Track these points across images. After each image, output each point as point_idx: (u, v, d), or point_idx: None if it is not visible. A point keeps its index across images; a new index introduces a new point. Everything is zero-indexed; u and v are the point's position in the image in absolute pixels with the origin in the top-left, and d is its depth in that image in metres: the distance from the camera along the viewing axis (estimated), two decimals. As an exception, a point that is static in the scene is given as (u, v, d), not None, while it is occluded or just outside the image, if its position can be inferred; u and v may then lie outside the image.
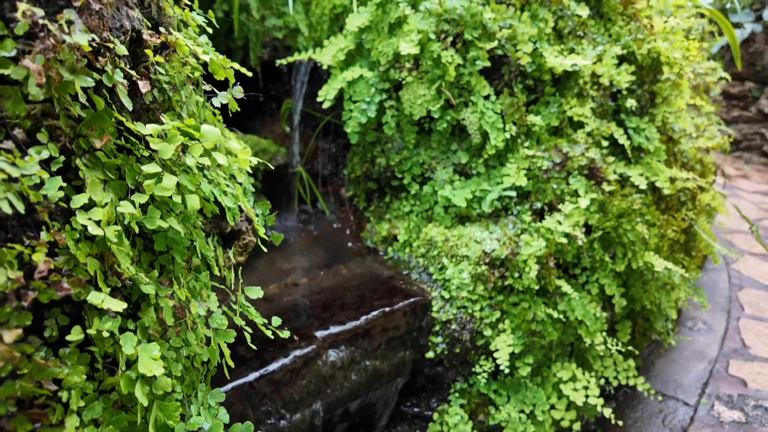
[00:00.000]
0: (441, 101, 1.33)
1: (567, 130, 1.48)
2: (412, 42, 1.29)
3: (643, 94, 1.71)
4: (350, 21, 1.44)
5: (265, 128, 2.30)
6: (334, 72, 1.50)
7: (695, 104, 2.76)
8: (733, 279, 2.96)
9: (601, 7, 1.72)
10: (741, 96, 6.19)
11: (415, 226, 1.49)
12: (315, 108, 2.03)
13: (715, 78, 3.36)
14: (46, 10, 0.49)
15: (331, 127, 2.06)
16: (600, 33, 1.68)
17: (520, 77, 1.41)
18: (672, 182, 1.67)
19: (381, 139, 1.55)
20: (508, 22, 1.35)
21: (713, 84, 3.24)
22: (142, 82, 0.56)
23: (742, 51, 6.09)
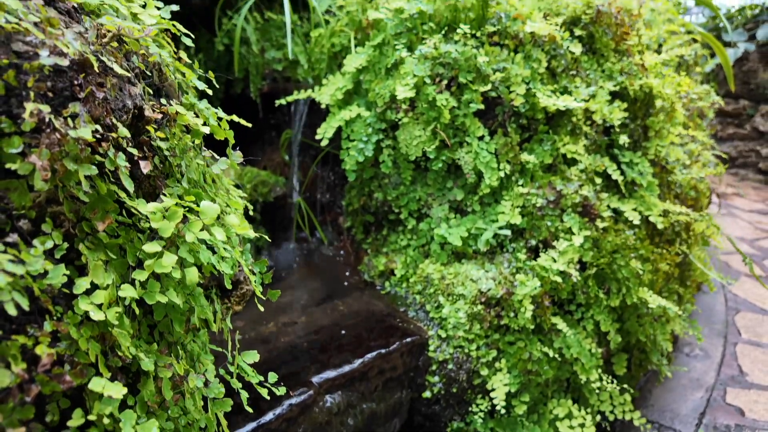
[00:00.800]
0: (436, 142, 1.35)
1: (561, 167, 1.50)
2: (408, 86, 1.32)
3: (636, 128, 1.75)
4: (348, 62, 1.48)
5: (265, 156, 2.33)
6: (332, 110, 1.53)
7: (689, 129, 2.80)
8: (730, 302, 2.97)
9: (594, 43, 1.76)
10: (736, 114, 6.26)
11: (412, 261, 1.51)
12: (314, 138, 2.06)
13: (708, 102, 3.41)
14: (53, 103, 0.51)
15: (329, 156, 2.08)
16: (593, 69, 1.72)
17: (513, 117, 1.44)
18: (665, 215, 1.70)
19: (378, 174, 1.58)
20: (501, 64, 1.38)
21: (707, 108, 3.28)
22: (143, 162, 0.58)
23: (736, 69, 6.18)
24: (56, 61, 0.49)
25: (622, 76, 1.70)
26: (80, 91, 0.52)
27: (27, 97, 0.48)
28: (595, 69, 1.71)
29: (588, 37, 1.75)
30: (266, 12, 2.03)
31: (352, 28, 1.61)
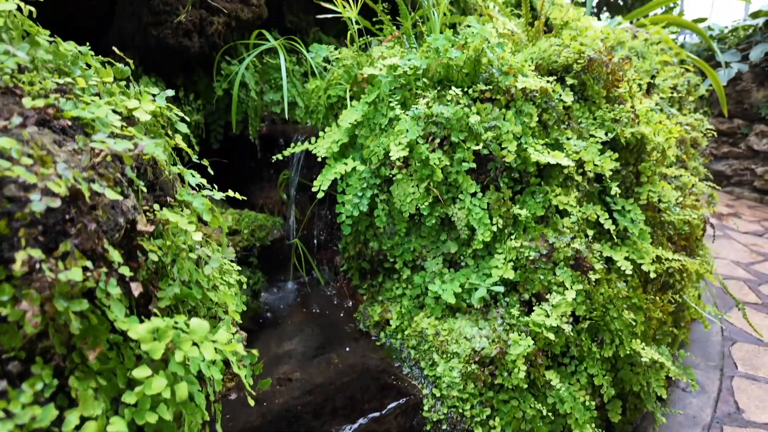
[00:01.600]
0: (430, 198, 1.37)
1: (553, 219, 1.52)
2: (401, 145, 1.33)
3: (628, 174, 1.76)
4: (344, 116, 1.49)
5: (263, 193, 2.34)
6: (329, 161, 1.55)
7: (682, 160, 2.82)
8: (726, 331, 2.97)
9: (586, 90, 1.78)
10: (730, 132, 6.32)
11: (407, 311, 1.51)
12: (311, 179, 2.08)
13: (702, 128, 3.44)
14: (44, 241, 0.52)
15: (326, 196, 2.09)
16: (584, 117, 1.74)
17: (505, 171, 1.46)
18: (659, 261, 1.71)
19: (373, 223, 1.59)
20: (493, 122, 1.40)
21: (700, 136, 3.31)
22: (134, 283, 0.59)
23: (729, 89, 6.24)
24: (48, 203, 0.51)
25: (614, 124, 1.72)
26: (72, 226, 0.53)
27: (18, 244, 0.49)
28: (587, 117, 1.74)
29: (580, 84, 1.77)
30: (265, 56, 2.06)
31: (348, 80, 1.63)
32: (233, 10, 1.91)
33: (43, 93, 0.66)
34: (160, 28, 1.70)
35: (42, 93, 0.66)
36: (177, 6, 1.72)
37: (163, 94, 0.89)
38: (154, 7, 1.66)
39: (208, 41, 1.87)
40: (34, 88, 0.65)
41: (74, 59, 0.75)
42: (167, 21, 1.71)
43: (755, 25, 6.01)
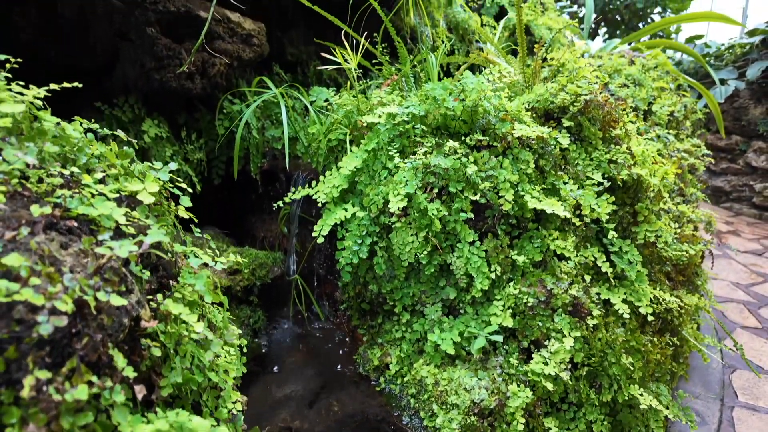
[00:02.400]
0: (428, 247, 1.38)
1: (551, 263, 1.53)
2: (400, 196, 1.35)
3: (625, 215, 1.78)
4: (344, 163, 1.52)
5: (264, 225, 2.36)
6: (329, 206, 1.57)
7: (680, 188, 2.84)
8: (726, 358, 2.97)
9: (582, 131, 1.81)
10: (728, 149, 6.35)
11: (406, 356, 1.52)
12: (311, 214, 2.10)
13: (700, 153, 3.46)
14: (51, 358, 0.54)
15: (325, 231, 2.11)
16: (581, 158, 1.76)
17: (503, 218, 1.48)
18: (656, 302, 1.72)
19: (373, 266, 1.60)
20: (490, 172, 1.42)
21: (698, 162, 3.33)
22: (138, 386, 0.60)
23: (727, 106, 6.28)
24: (55, 323, 0.52)
25: (611, 165, 1.75)
26: (78, 341, 0.55)
27: (26, 367, 0.51)
28: (584, 158, 1.76)
29: (576, 125, 1.80)
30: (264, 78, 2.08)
31: (348, 125, 1.66)
32: (235, 51, 1.95)
33: (51, 188, 0.68)
34: (162, 72, 1.73)
35: (50, 189, 0.68)
36: (179, 50, 1.75)
37: (167, 168, 0.91)
38: (157, 53, 1.69)
39: (210, 82, 1.90)
40: (42, 187, 0.67)
41: (80, 147, 0.77)
42: (170, 65, 1.74)
43: (752, 43, 6.06)
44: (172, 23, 1.73)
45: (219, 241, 2.06)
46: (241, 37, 1.97)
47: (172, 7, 1.69)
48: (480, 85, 1.43)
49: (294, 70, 2.66)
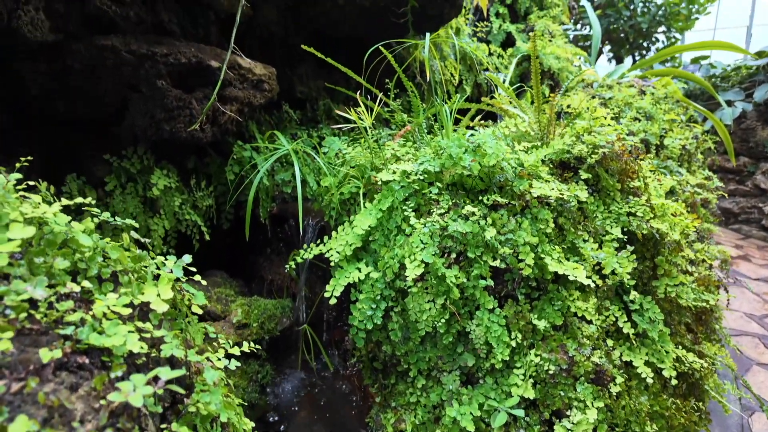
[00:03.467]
0: (446, 314, 1.34)
1: (572, 327, 1.48)
2: (416, 262, 1.31)
3: (645, 269, 1.73)
4: (358, 221, 1.48)
5: (272, 267, 2.32)
6: (341, 263, 1.52)
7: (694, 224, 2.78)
8: (744, 398, 2.89)
9: (600, 182, 1.77)
10: (737, 170, 6.30)
11: (422, 423, 1.46)
12: (321, 258, 2.06)
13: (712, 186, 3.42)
14: None
15: (335, 277, 2.07)
16: (599, 211, 1.72)
17: (523, 282, 1.43)
18: (679, 361, 1.66)
19: (387, 325, 1.55)
20: (508, 235, 1.38)
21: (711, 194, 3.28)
22: None
23: (734, 127, 6.25)
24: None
25: (630, 217, 1.70)
26: None
27: None
28: (602, 211, 1.71)
29: (593, 177, 1.76)
30: (277, 139, 2.06)
31: (361, 179, 1.62)
32: (246, 98, 1.92)
33: (60, 316, 0.64)
34: (173, 123, 1.70)
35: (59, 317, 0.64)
36: (190, 101, 1.72)
37: (180, 263, 0.87)
38: (167, 105, 1.66)
39: (221, 129, 1.87)
40: (51, 315, 0.63)
41: (91, 256, 0.73)
42: (180, 116, 1.71)
43: (759, 66, 6.04)
44: (183, 74, 1.71)
45: (226, 287, 2.01)
46: (251, 83, 1.94)
47: (183, 58, 1.66)
48: (498, 149, 1.39)
49: (303, 106, 2.64)
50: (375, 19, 2.44)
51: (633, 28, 7.31)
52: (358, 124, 1.60)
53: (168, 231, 1.77)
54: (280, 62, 2.51)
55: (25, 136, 1.66)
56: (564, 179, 1.77)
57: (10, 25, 1.44)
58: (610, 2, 7.19)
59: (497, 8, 4.20)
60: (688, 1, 7.21)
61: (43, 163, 1.67)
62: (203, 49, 1.80)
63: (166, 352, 0.71)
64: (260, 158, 1.91)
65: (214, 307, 1.70)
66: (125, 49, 1.58)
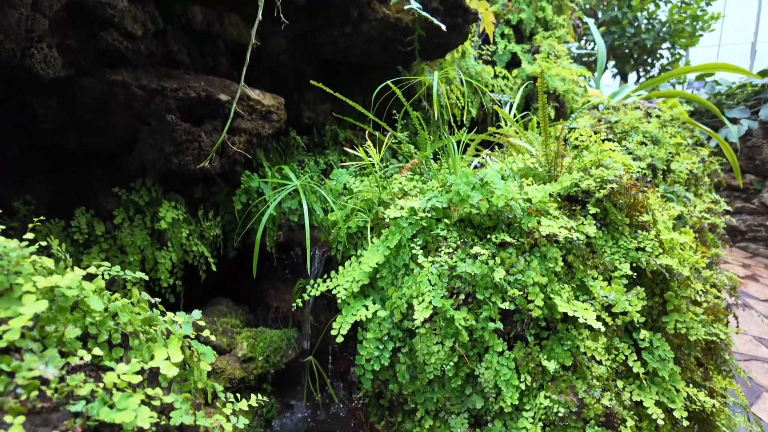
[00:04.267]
0: (455, 357, 1.32)
1: (582, 367, 1.46)
2: (425, 303, 1.30)
3: (654, 305, 1.71)
4: (366, 258, 1.47)
5: (278, 294, 2.31)
6: (349, 299, 1.52)
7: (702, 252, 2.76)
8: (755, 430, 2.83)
9: (608, 215, 1.76)
10: (743, 188, 6.27)
11: (428, 464, 1.44)
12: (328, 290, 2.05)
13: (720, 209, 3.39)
14: None
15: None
16: (608, 245, 1.70)
17: (532, 322, 1.42)
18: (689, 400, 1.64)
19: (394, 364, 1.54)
20: (518, 276, 1.37)
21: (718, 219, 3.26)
22: None
23: (740, 144, 6.23)
24: None
25: (638, 252, 1.69)
26: None
27: None
28: (610, 246, 1.70)
29: (602, 210, 1.75)
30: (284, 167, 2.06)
31: (369, 213, 1.62)
32: (255, 129, 1.93)
33: (71, 389, 0.63)
34: (181, 156, 1.71)
35: (71, 390, 0.63)
36: (199, 134, 1.73)
37: (189, 319, 0.87)
38: (176, 139, 1.67)
39: (229, 160, 1.88)
40: (63, 389, 0.62)
41: (102, 320, 0.73)
42: (189, 148, 1.72)
43: (764, 83, 6.04)
44: (192, 108, 1.72)
45: (232, 316, 2.01)
46: (260, 114, 1.96)
47: (192, 93, 1.68)
48: (506, 189, 1.39)
49: (310, 131, 2.65)
50: (382, 47, 2.47)
51: (637, 44, 7.34)
52: (365, 162, 1.60)
53: (175, 263, 1.77)
54: (288, 89, 2.53)
55: (35, 169, 1.67)
56: (572, 213, 1.76)
57: (23, 62, 1.46)
58: (615, 19, 7.23)
59: (502, 29, 4.24)
60: (693, 18, 7.24)
61: (53, 195, 1.68)
62: (212, 82, 1.82)
63: (176, 420, 0.70)
64: (268, 190, 1.92)
65: (219, 341, 1.70)
66: (136, 84, 1.60)
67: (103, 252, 1.59)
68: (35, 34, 1.45)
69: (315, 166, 2.34)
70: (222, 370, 1.62)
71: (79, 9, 1.55)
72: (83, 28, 1.58)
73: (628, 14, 7.10)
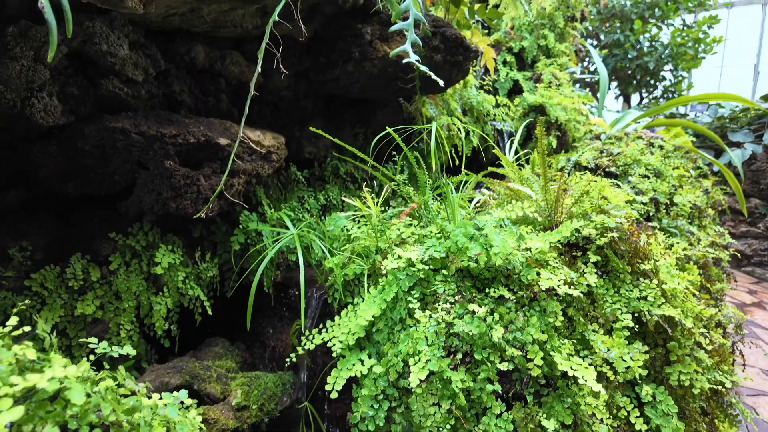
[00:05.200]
0: (452, 419, 1.29)
1: (583, 425, 1.43)
2: (421, 363, 1.28)
3: (657, 356, 1.68)
4: (362, 311, 1.45)
5: (275, 334, 2.28)
6: (344, 352, 1.49)
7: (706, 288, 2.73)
8: (765, 471, 2.76)
9: (609, 262, 1.73)
10: (748, 212, 6.22)
11: None
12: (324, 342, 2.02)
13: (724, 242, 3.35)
14: None
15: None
16: (609, 294, 1.68)
17: (532, 380, 1.38)
18: (695, 456, 1.59)
19: (389, 419, 1.51)
20: (516, 334, 1.34)
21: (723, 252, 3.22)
22: None
23: (744, 168, 6.20)
24: None
25: (640, 301, 1.66)
26: None
27: None
28: (612, 295, 1.67)
29: (603, 257, 1.72)
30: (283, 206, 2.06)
31: (366, 260, 1.60)
32: (254, 170, 1.93)
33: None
34: (179, 200, 1.71)
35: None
36: (197, 178, 1.73)
37: (176, 399, 0.85)
38: (174, 184, 1.67)
39: (227, 202, 1.87)
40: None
41: (83, 414, 0.71)
42: (187, 192, 1.72)
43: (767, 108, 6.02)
44: (192, 152, 1.72)
45: (227, 358, 1.98)
46: (260, 155, 1.96)
47: (191, 138, 1.68)
48: (504, 246, 1.37)
49: (311, 165, 2.65)
50: (384, 83, 2.48)
51: (640, 66, 7.37)
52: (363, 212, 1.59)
53: (171, 309, 1.76)
54: (290, 124, 2.54)
55: (32, 215, 1.67)
56: (573, 259, 1.74)
57: (23, 112, 1.46)
58: (617, 42, 7.28)
59: (504, 56, 4.26)
60: (695, 41, 7.28)
61: (49, 241, 1.68)
62: (212, 125, 1.82)
63: None
64: (266, 229, 1.91)
65: (213, 389, 1.67)
66: (135, 131, 1.60)
67: (98, 299, 1.58)
68: (36, 84, 1.46)
69: (315, 203, 2.33)
70: (215, 420, 1.59)
71: (80, 58, 1.56)
72: (84, 75, 1.59)
73: (630, 37, 7.14)
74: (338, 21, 2.22)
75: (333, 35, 2.28)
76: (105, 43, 1.53)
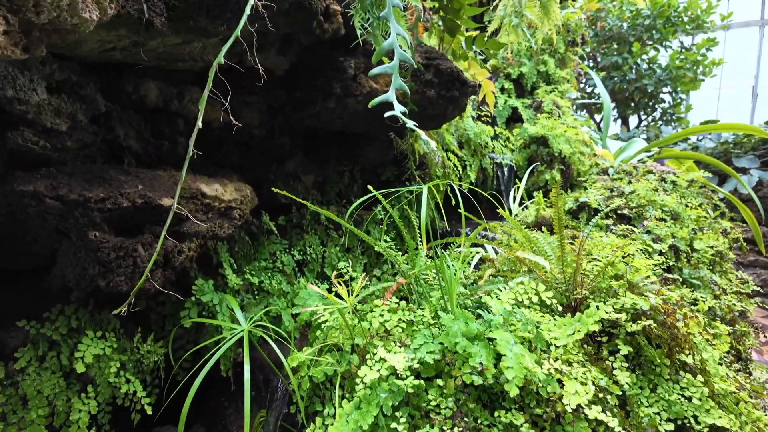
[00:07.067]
0: None
1: None
2: None
3: (706, 474, 1.34)
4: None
5: (238, 420, 1.93)
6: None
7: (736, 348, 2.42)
8: None
9: (642, 351, 1.41)
10: (756, 240, 5.96)
11: None
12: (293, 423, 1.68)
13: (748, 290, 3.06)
14: None
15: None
16: (644, 394, 1.35)
17: None
18: None
19: None
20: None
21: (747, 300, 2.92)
22: None
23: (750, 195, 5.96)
24: None
25: (683, 404, 1.33)
26: None
27: None
28: (647, 395, 1.35)
29: (635, 347, 1.40)
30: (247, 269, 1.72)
31: (340, 357, 1.27)
32: (210, 230, 1.60)
33: None
34: (110, 277, 1.37)
35: None
36: (134, 247, 1.40)
37: None
38: (102, 258, 1.34)
39: (175, 271, 1.54)
40: None
41: None
42: (120, 266, 1.38)
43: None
44: (126, 217, 1.39)
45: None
46: (218, 212, 1.63)
47: (125, 202, 1.35)
48: (521, 362, 1.04)
49: (288, 210, 2.33)
50: (369, 119, 2.18)
51: (638, 89, 7.18)
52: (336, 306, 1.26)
53: (101, 405, 1.41)
54: (263, 164, 2.22)
55: None
56: (596, 348, 1.42)
57: None
58: (615, 64, 7.10)
59: (502, 83, 4.00)
60: (694, 64, 7.11)
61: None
62: (157, 180, 1.50)
63: None
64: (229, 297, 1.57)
65: None
66: (51, 195, 1.27)
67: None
68: None
69: (290, 259, 2.00)
70: None
71: (-20, 105, 1.24)
72: (-13, 126, 1.27)
73: (628, 59, 6.97)
74: (317, 53, 1.92)
75: (313, 67, 1.98)
76: (11, 87, 1.21)
